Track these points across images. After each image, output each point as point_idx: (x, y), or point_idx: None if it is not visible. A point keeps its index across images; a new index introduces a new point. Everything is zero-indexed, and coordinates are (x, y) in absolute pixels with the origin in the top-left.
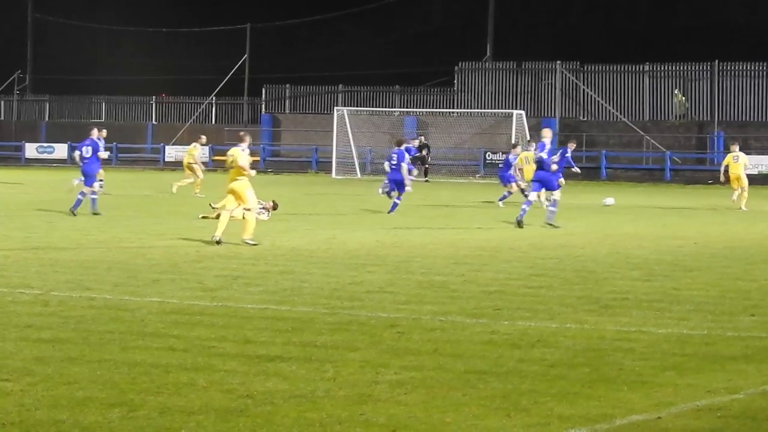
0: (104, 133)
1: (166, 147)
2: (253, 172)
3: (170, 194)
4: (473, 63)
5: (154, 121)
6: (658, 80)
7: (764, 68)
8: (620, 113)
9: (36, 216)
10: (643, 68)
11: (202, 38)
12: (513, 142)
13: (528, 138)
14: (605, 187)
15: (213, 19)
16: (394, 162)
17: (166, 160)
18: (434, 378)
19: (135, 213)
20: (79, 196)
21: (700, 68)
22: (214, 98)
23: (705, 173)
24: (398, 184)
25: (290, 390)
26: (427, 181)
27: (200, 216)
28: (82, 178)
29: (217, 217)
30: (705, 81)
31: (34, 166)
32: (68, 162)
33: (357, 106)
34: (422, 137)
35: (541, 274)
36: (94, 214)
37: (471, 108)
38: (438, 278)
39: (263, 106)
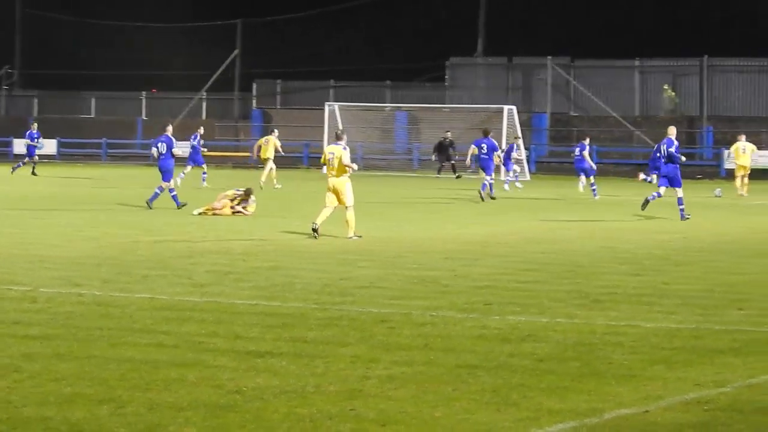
0: (170, 129)
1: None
2: (355, 166)
3: (274, 188)
4: (464, 58)
5: (144, 117)
6: (648, 76)
7: (753, 63)
8: (610, 108)
9: (26, 212)
10: (634, 64)
11: (193, 33)
12: (516, 134)
13: (518, 134)
14: (599, 183)
15: (204, 14)
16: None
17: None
18: (424, 373)
19: (126, 209)
20: (157, 190)
21: (690, 64)
22: (204, 93)
23: (694, 168)
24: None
25: (280, 385)
26: (458, 177)
27: (196, 212)
28: (182, 174)
29: (213, 213)
30: (695, 76)
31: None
32: (56, 157)
33: (348, 102)
34: (449, 133)
35: (531, 269)
36: (179, 207)
37: (462, 103)
38: (429, 273)
39: (254, 101)
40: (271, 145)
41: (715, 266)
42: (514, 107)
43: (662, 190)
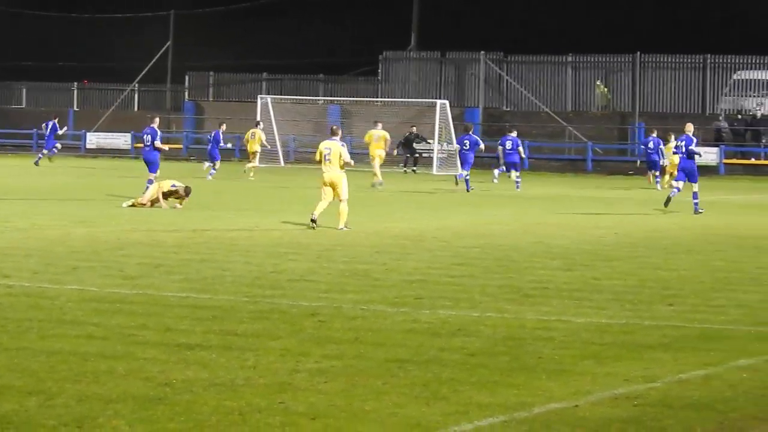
0: (156, 121)
1: (88, 133)
2: (352, 162)
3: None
4: (397, 52)
5: (75, 108)
6: (581, 71)
7: (686, 60)
8: (543, 104)
9: None
10: (566, 59)
11: (126, 24)
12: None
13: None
14: (528, 177)
15: (137, 5)
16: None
17: (88, 147)
18: (355, 366)
19: (56, 200)
20: (147, 184)
21: (623, 60)
22: (136, 85)
23: (626, 164)
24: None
25: (210, 378)
26: (414, 171)
27: (125, 204)
28: (213, 171)
29: (142, 205)
30: (627, 73)
31: None
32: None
33: (281, 95)
34: (414, 128)
35: (463, 263)
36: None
37: (395, 97)
38: (360, 267)
39: (186, 93)
40: (257, 138)
41: (646, 262)
42: (446, 102)
43: (680, 184)
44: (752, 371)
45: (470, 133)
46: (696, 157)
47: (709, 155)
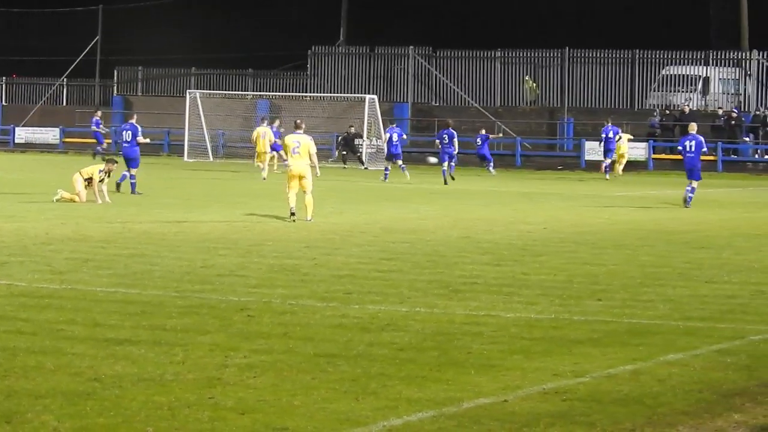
0: (134, 117)
1: (16, 128)
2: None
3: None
4: (326, 47)
5: (4, 102)
6: (510, 66)
7: (613, 55)
8: (472, 99)
9: None
10: (495, 54)
11: (55, 19)
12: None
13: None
14: (456, 172)
15: None
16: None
17: (16, 141)
18: (284, 361)
19: None
20: (125, 173)
21: (551, 55)
22: (65, 80)
23: (555, 159)
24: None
25: (139, 373)
26: (366, 168)
27: (55, 199)
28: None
29: (71, 200)
30: (555, 67)
31: None
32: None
33: (210, 89)
34: (353, 128)
35: (391, 258)
36: (122, 193)
37: (324, 92)
38: (289, 262)
39: (115, 87)
40: (267, 137)
41: (574, 257)
42: (375, 97)
43: (695, 183)
44: (681, 366)
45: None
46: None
47: (637, 150)
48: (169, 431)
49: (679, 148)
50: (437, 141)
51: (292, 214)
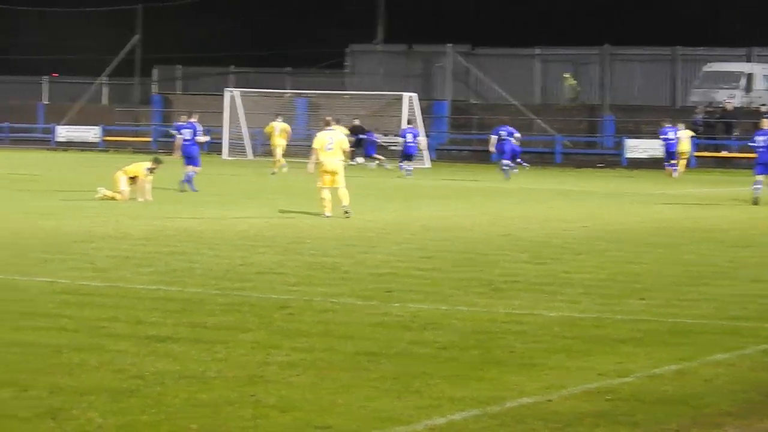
0: (196, 116)
1: (57, 127)
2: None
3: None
4: (365, 45)
5: (45, 101)
6: (550, 64)
7: (654, 53)
8: (511, 97)
9: None
10: (534, 52)
11: (95, 17)
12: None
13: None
14: (492, 169)
15: None
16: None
17: (57, 140)
18: (325, 359)
19: (27, 193)
20: (190, 173)
21: (591, 53)
22: (105, 78)
23: (595, 157)
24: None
25: (181, 371)
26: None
27: (97, 197)
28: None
29: (113, 198)
30: (595, 65)
31: None
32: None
33: (248, 88)
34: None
35: (431, 256)
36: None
37: (362, 90)
38: (329, 260)
39: (154, 86)
40: (283, 131)
41: (616, 255)
42: (414, 94)
43: (761, 177)
44: (726, 366)
45: (411, 126)
46: None
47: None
48: (212, 428)
49: (752, 144)
50: (493, 137)
51: (326, 208)
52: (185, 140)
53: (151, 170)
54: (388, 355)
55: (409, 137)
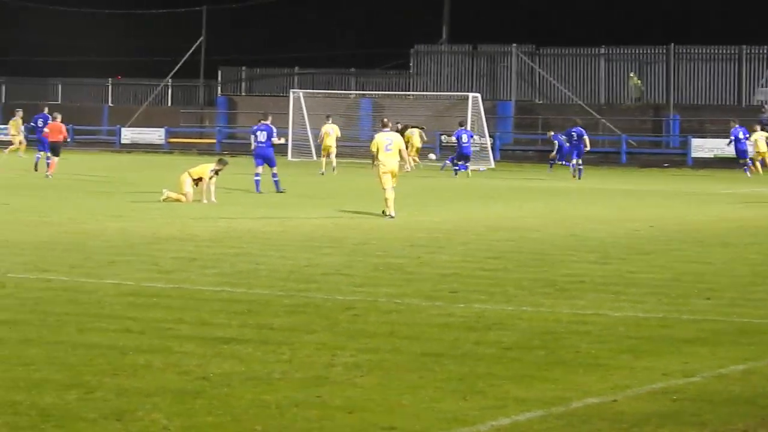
0: (270, 118)
1: (122, 129)
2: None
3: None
4: (429, 46)
5: (110, 103)
6: (614, 63)
7: (719, 51)
8: (576, 96)
9: None
10: (599, 51)
11: (159, 20)
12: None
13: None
14: (561, 170)
15: (169, 1)
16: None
17: (122, 142)
18: (390, 360)
19: (92, 194)
20: (274, 178)
21: (656, 51)
22: (170, 80)
23: (660, 156)
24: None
25: (246, 372)
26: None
27: (162, 198)
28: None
29: (177, 200)
30: (661, 64)
31: None
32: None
33: (313, 89)
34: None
35: (497, 257)
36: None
37: (427, 91)
38: (394, 260)
39: (219, 88)
40: (334, 134)
41: (682, 255)
42: (478, 95)
43: None
44: None
45: (464, 128)
46: None
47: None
48: (277, 430)
49: None
50: (565, 138)
51: (388, 214)
52: (259, 142)
53: (216, 172)
54: (453, 356)
55: (464, 138)
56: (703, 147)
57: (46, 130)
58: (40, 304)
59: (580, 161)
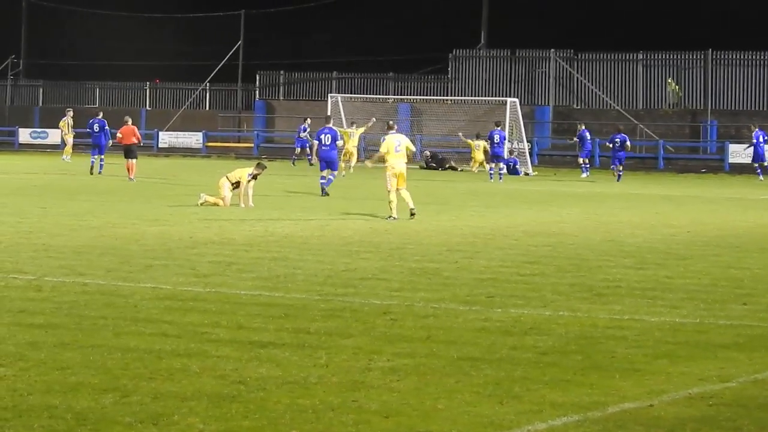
0: (332, 121)
1: (160, 133)
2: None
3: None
4: (467, 50)
5: (147, 107)
6: (652, 69)
7: (757, 57)
8: (614, 101)
9: (29, 201)
10: (637, 57)
11: (197, 24)
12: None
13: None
14: (598, 174)
15: (207, 5)
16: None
17: (160, 146)
18: (427, 365)
19: (129, 198)
20: (331, 177)
21: (694, 57)
22: (208, 84)
23: (698, 162)
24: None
25: (283, 376)
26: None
27: (199, 203)
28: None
29: (215, 204)
30: (698, 70)
31: (28, 152)
32: (61, 146)
33: (351, 93)
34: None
35: (534, 262)
36: (323, 195)
37: (465, 95)
38: (431, 265)
39: (257, 92)
40: (356, 135)
41: (719, 261)
42: (516, 100)
43: None
44: None
45: (499, 128)
46: None
47: None
48: None
49: None
50: (608, 144)
51: (412, 214)
52: (324, 145)
53: (254, 176)
54: (490, 360)
55: (496, 138)
56: (740, 153)
57: (119, 134)
58: (76, 308)
59: (621, 167)
